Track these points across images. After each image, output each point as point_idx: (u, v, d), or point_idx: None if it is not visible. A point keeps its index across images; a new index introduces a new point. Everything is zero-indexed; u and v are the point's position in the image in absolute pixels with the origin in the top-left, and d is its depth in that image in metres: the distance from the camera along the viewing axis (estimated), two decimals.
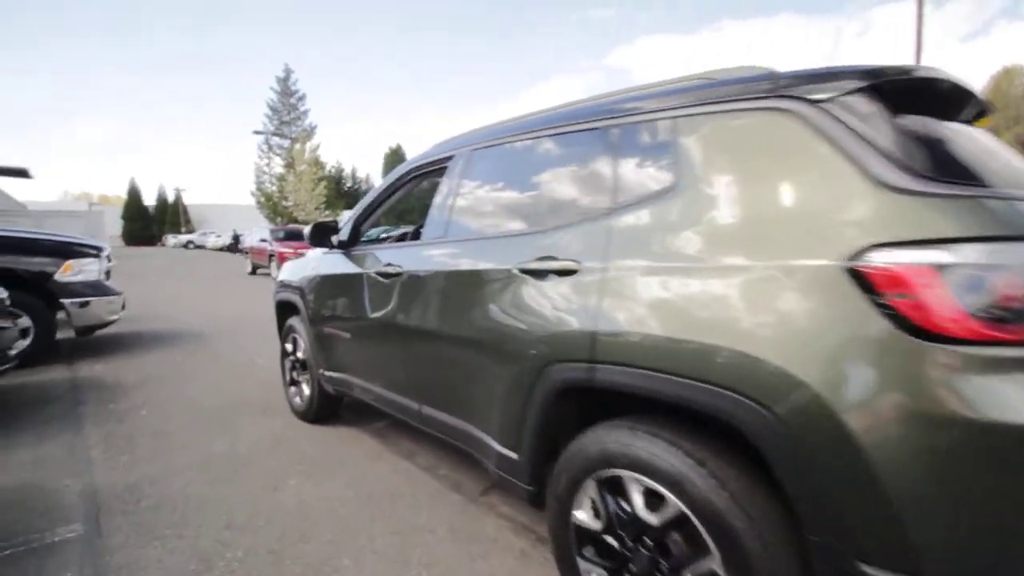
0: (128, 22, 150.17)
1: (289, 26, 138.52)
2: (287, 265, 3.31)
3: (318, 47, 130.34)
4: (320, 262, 2.79)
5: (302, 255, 2.74)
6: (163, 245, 51.58)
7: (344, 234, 2.62)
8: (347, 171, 57.77)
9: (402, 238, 3.16)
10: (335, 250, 2.67)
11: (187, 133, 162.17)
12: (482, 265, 1.71)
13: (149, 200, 59.83)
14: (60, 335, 4.99)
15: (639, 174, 1.36)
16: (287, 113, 36.90)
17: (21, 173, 23.05)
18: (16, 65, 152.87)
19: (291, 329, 3.14)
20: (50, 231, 6.27)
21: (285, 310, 3.25)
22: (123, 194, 59.17)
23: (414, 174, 2.35)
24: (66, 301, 4.81)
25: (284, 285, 3.19)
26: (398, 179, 2.44)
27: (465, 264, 1.80)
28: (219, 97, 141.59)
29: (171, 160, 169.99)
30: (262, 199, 34.55)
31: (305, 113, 37.29)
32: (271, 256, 13.76)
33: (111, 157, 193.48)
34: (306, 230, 2.63)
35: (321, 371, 2.81)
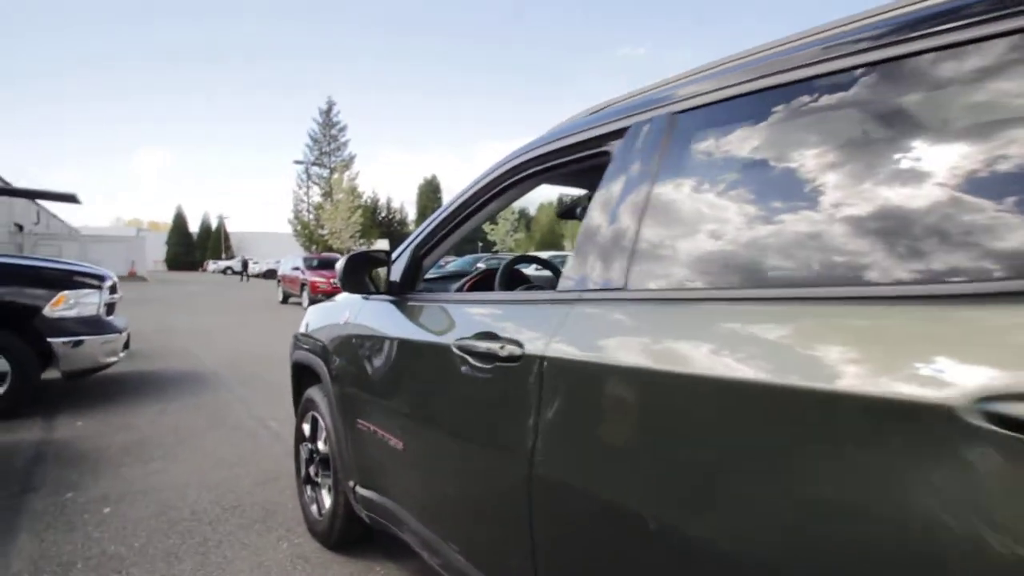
0: (181, 56, 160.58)
1: (329, 58, 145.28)
2: (312, 311, 2.35)
3: (358, 77, 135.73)
4: (359, 312, 1.80)
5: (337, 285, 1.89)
6: (204, 271, 52.83)
7: (397, 272, 1.65)
8: (382, 201, 58.65)
9: (482, 281, 2.06)
10: (381, 296, 1.70)
11: (234, 161, 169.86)
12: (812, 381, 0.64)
13: (194, 227, 61.98)
14: (48, 375, 4.18)
15: None
16: (328, 144, 37.56)
17: (70, 198, 23.65)
18: (78, 101, 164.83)
19: (310, 404, 2.15)
20: (85, 258, 5.63)
21: (303, 375, 2.28)
22: (171, 220, 61.40)
23: (526, 171, 1.37)
24: (55, 340, 4.02)
25: (305, 339, 2.22)
26: (493, 182, 1.44)
27: (719, 364, 0.75)
28: (264, 127, 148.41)
29: (217, 187, 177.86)
30: (299, 227, 34.81)
31: (345, 143, 37.88)
32: (303, 285, 13.14)
33: (164, 184, 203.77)
34: (338, 264, 1.64)
35: (351, 484, 1.80)
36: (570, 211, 1.96)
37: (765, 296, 0.76)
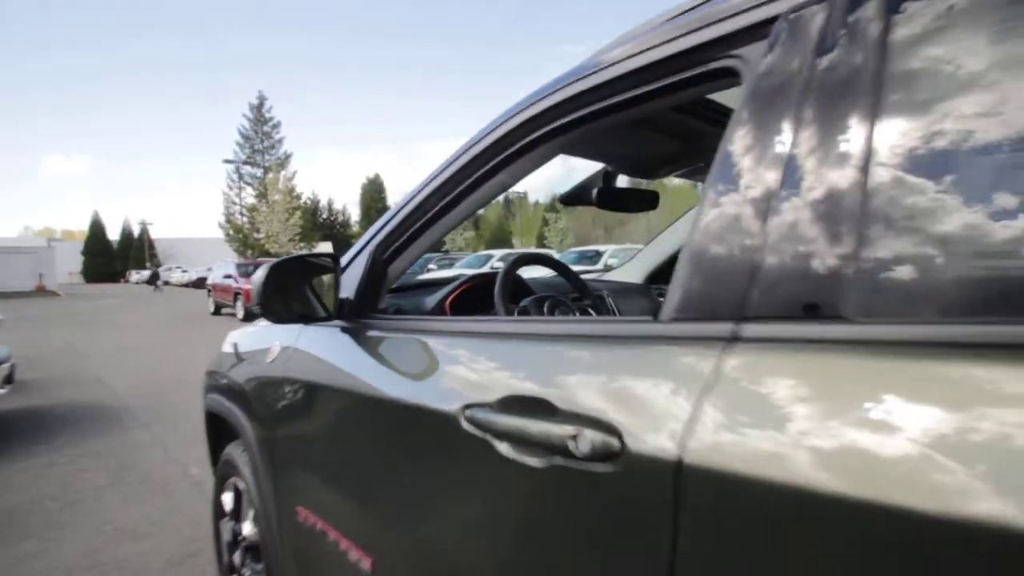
0: (96, 52, 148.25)
1: (265, 55, 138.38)
2: (232, 337, 1.72)
3: (291, 76, 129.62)
4: (295, 344, 1.22)
5: None
6: (127, 281, 48.80)
7: (350, 285, 1.10)
8: (323, 202, 56.10)
9: (469, 295, 1.45)
10: (329, 323, 1.15)
11: (157, 165, 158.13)
12: None
13: (113, 235, 57.11)
14: None
15: None
16: (260, 141, 35.40)
17: None
18: None
19: (231, 468, 1.56)
20: None
21: (220, 426, 1.68)
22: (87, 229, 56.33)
23: (552, 124, 0.84)
24: None
25: (219, 378, 1.62)
26: (494, 147, 0.92)
27: None
28: (192, 127, 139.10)
29: (139, 192, 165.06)
30: (231, 231, 32.58)
31: (280, 141, 35.82)
32: (237, 294, 12.03)
33: (78, 191, 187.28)
34: (256, 276, 1.07)
35: None
36: (578, 196, 1.47)
37: None
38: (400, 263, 1.14)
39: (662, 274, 1.98)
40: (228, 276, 12.88)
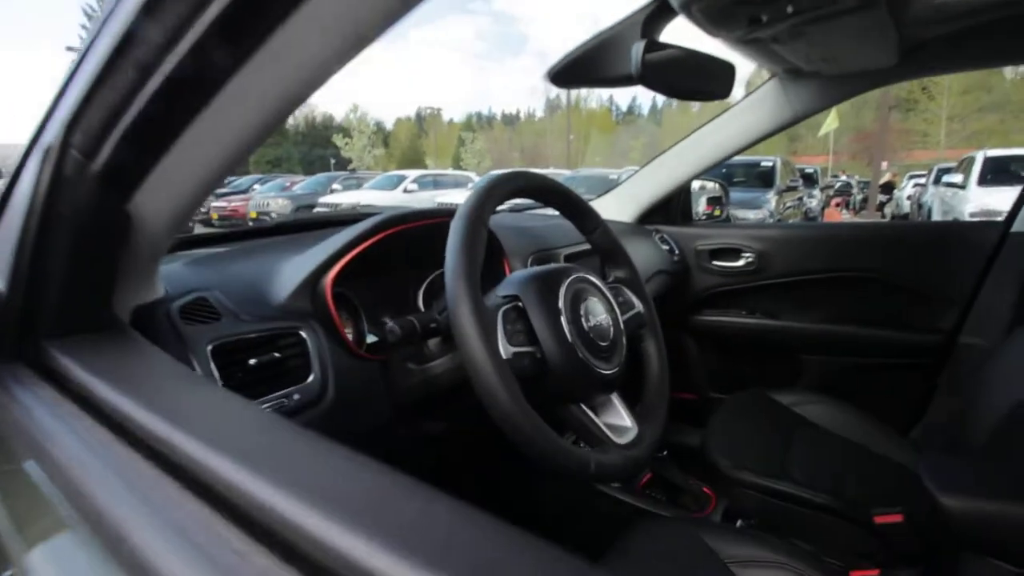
0: None
1: None
2: None
3: None
4: None
5: None
6: None
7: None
8: None
9: (380, 252, 0.68)
10: None
11: None
12: None
13: None
14: None
15: None
16: None
17: None
18: None
19: None
20: None
21: None
22: None
23: None
24: None
25: None
26: None
27: None
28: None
29: None
30: None
31: None
32: None
33: None
34: None
35: None
36: (593, 63, 0.77)
37: None
38: (172, 181, 0.40)
39: (661, 212, 1.49)
40: None
